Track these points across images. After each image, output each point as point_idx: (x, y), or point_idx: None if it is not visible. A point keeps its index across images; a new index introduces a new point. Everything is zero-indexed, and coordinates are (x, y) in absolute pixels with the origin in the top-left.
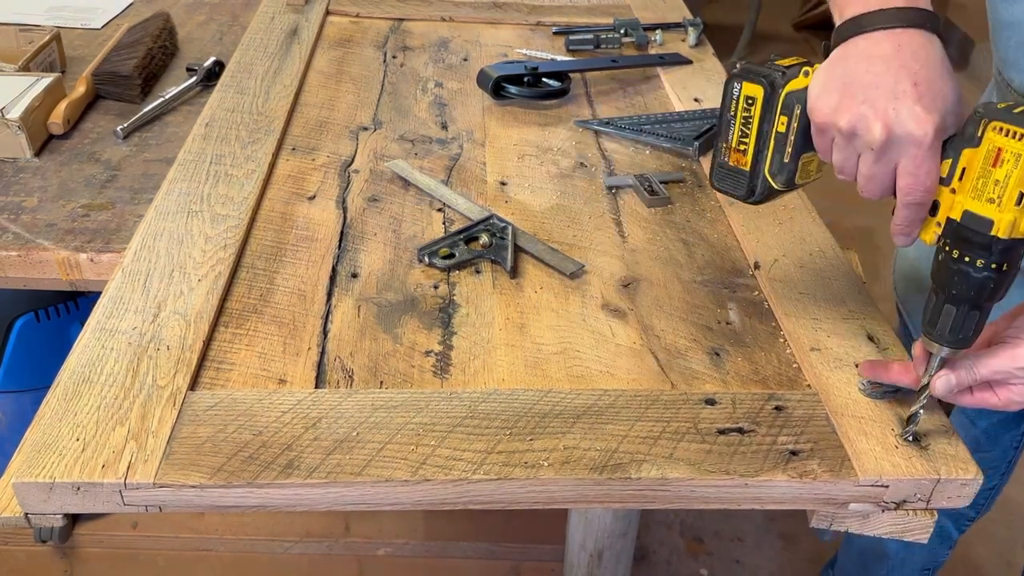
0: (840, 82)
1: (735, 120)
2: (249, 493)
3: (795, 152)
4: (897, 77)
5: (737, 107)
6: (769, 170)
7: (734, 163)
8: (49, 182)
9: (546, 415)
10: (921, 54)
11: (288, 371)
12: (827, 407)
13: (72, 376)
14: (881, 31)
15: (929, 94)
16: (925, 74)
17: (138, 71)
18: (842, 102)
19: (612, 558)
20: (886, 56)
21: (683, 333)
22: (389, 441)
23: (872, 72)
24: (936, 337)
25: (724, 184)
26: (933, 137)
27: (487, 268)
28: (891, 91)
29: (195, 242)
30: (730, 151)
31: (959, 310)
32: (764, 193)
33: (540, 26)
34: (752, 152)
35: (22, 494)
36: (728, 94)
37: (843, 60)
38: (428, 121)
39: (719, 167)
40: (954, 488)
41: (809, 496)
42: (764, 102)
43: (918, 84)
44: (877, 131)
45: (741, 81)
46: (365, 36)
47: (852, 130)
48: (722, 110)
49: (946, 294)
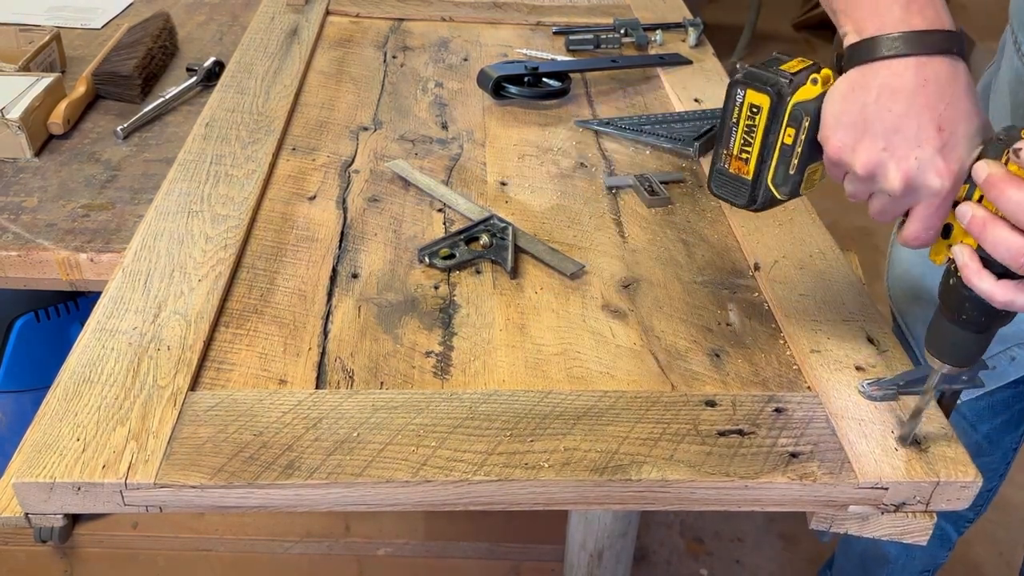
0: (859, 117)
1: (737, 128)
2: (250, 494)
3: (801, 164)
4: (920, 120)
5: (740, 114)
6: (773, 180)
7: (735, 171)
8: (49, 182)
9: (546, 416)
10: (947, 92)
11: (288, 371)
12: (827, 409)
13: (72, 376)
14: (904, 59)
15: (952, 140)
16: (950, 115)
17: (138, 71)
18: (861, 142)
19: (612, 558)
20: (909, 93)
21: (683, 334)
22: (390, 442)
23: (894, 112)
24: (939, 355)
25: (724, 191)
26: (951, 188)
27: (487, 268)
28: (914, 137)
29: (195, 242)
30: (731, 158)
31: (966, 333)
32: (766, 202)
33: (540, 26)
34: (755, 161)
35: (22, 494)
36: (731, 99)
37: (862, 91)
38: (428, 121)
39: (718, 173)
40: (953, 491)
41: (809, 498)
42: (770, 112)
43: (942, 129)
44: (896, 181)
45: (745, 88)
46: (365, 36)
47: (870, 174)
48: (724, 115)
49: (955, 317)
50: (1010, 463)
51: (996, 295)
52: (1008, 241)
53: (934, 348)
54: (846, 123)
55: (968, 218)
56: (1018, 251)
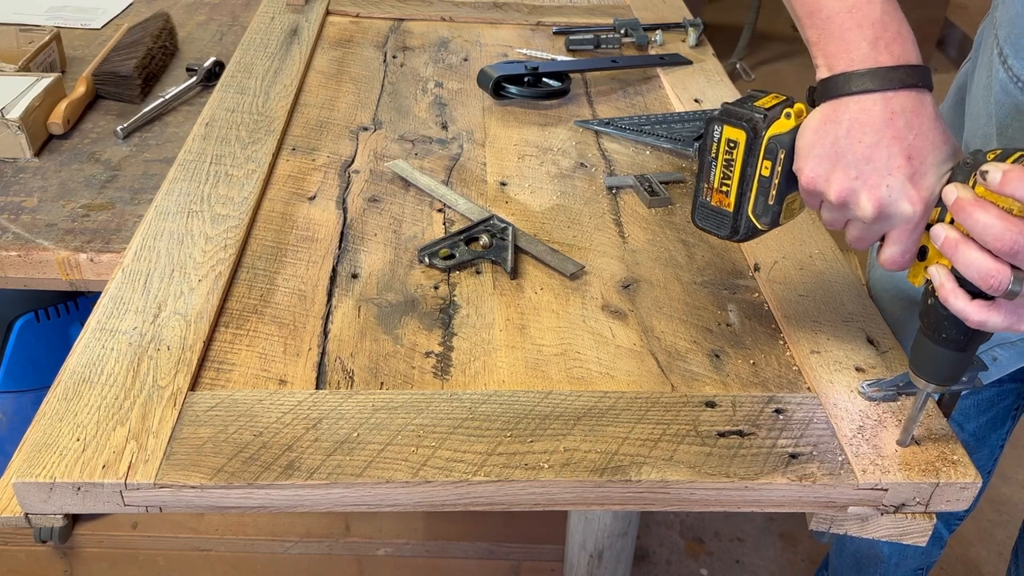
0: (832, 149)
1: (716, 162)
2: (249, 494)
3: (779, 195)
4: (890, 151)
5: (719, 150)
6: (753, 211)
7: (717, 203)
8: (49, 182)
9: (546, 417)
10: (915, 123)
11: (288, 372)
12: (827, 410)
13: (72, 376)
14: (872, 95)
15: (922, 168)
16: (919, 144)
17: (138, 71)
18: (833, 173)
19: (612, 558)
20: (878, 126)
21: (683, 335)
22: (390, 442)
23: (864, 143)
24: (923, 375)
25: (707, 223)
26: (923, 213)
27: (487, 269)
28: (884, 166)
29: (195, 242)
30: (712, 191)
31: (948, 352)
32: (748, 233)
33: (540, 26)
34: (735, 194)
35: (22, 494)
36: (709, 136)
37: (834, 124)
38: (428, 121)
39: (701, 206)
40: (953, 491)
41: (809, 499)
42: (747, 146)
43: (912, 157)
44: (869, 209)
45: (722, 124)
46: (365, 36)
47: (843, 202)
48: (703, 151)
49: (935, 337)
50: (997, 460)
51: (970, 314)
52: (979, 263)
53: (918, 368)
54: (818, 154)
55: (941, 240)
56: (987, 272)
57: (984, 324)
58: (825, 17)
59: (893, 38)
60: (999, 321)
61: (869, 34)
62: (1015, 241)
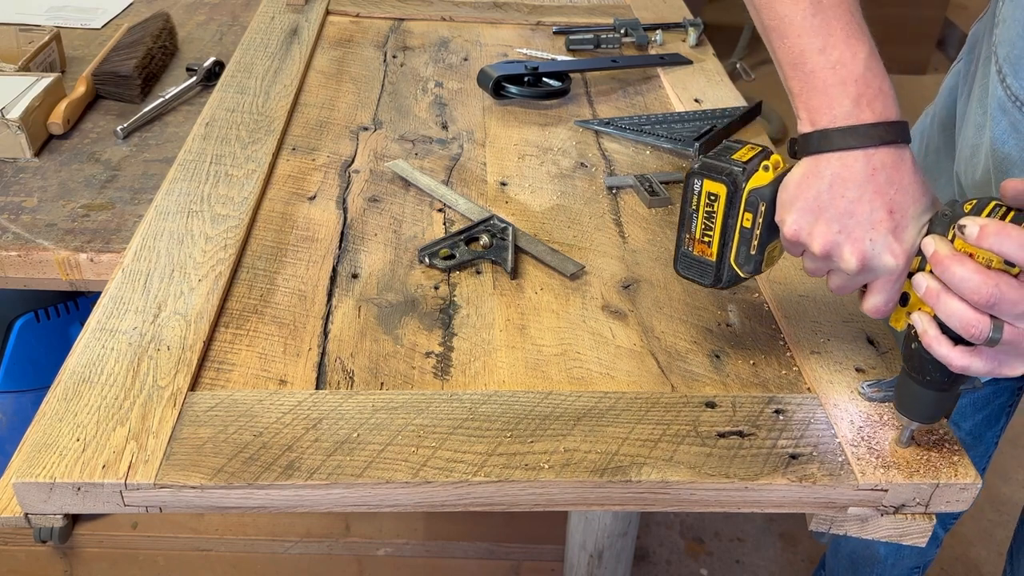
0: (814, 204)
1: (698, 214)
2: (250, 494)
3: (761, 244)
4: (872, 205)
5: (699, 202)
6: (736, 260)
7: (699, 253)
8: (49, 182)
9: (546, 417)
10: (896, 177)
11: (289, 372)
12: (827, 410)
13: (72, 376)
14: (853, 151)
15: (903, 221)
16: (899, 199)
17: (138, 71)
18: (816, 226)
19: (612, 558)
20: (860, 181)
21: (683, 335)
22: (390, 443)
23: (847, 198)
24: (908, 414)
25: (690, 272)
26: (905, 265)
27: (487, 269)
28: (867, 220)
29: (195, 242)
30: (694, 242)
31: (932, 392)
32: (730, 281)
33: (540, 26)
34: (717, 244)
35: (22, 494)
36: (689, 189)
37: (816, 178)
38: (428, 121)
39: (683, 256)
40: (953, 492)
41: (809, 500)
42: (727, 199)
43: (893, 212)
44: (852, 262)
45: (702, 178)
46: (365, 36)
47: (827, 255)
48: (683, 202)
49: (920, 378)
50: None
51: (953, 360)
52: (959, 313)
53: (903, 408)
54: (801, 208)
55: (923, 290)
56: (968, 322)
57: (967, 369)
58: (809, 71)
59: (875, 95)
60: (981, 366)
61: (852, 91)
62: (991, 294)
